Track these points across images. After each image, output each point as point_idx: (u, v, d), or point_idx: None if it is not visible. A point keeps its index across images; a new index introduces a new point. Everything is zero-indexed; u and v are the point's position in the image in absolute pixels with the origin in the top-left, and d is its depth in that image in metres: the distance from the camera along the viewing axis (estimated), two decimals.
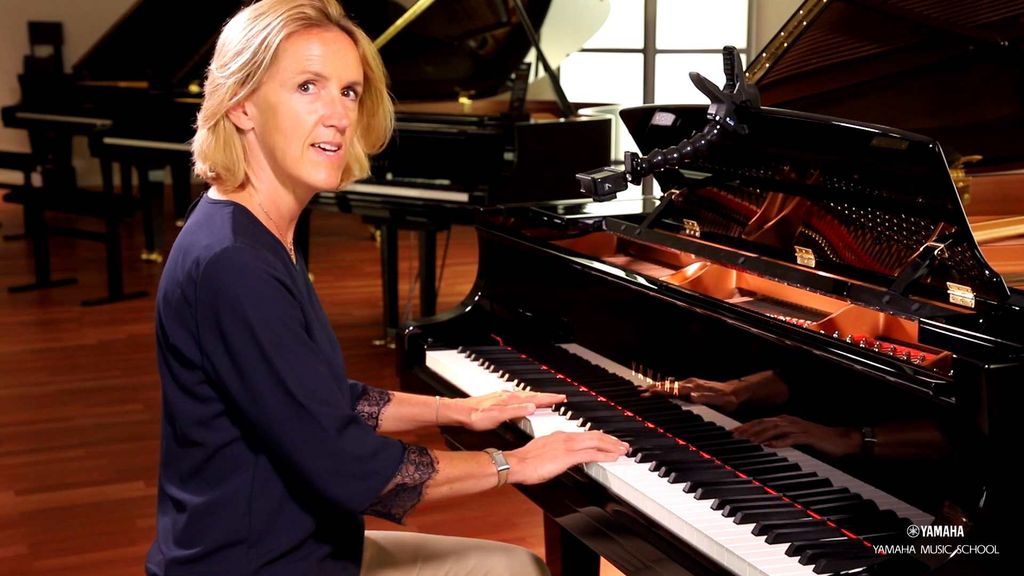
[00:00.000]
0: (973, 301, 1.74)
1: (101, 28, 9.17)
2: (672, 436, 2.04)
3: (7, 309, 6.73)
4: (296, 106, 1.76)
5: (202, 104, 1.82)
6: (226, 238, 1.70)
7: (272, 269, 1.70)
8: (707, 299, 2.03)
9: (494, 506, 3.85)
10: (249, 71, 1.75)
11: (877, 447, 1.65)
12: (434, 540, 2.09)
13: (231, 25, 1.81)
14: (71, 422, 4.80)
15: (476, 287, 2.74)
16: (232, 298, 1.67)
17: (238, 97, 1.77)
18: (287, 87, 1.76)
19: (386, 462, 1.72)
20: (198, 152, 1.82)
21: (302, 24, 1.77)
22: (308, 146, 1.78)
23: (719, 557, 1.63)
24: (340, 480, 1.69)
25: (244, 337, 1.67)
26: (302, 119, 1.77)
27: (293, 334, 1.69)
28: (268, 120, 1.77)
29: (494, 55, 6.30)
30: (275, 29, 1.75)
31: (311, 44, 1.76)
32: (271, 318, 1.68)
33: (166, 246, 8.16)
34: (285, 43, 1.75)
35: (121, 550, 3.62)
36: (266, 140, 1.79)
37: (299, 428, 1.67)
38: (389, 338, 5.64)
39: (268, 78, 1.76)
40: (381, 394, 2.16)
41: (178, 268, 1.74)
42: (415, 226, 5.25)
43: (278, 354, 1.67)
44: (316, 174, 1.79)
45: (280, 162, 1.79)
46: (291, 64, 1.76)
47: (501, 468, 1.85)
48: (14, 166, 8.65)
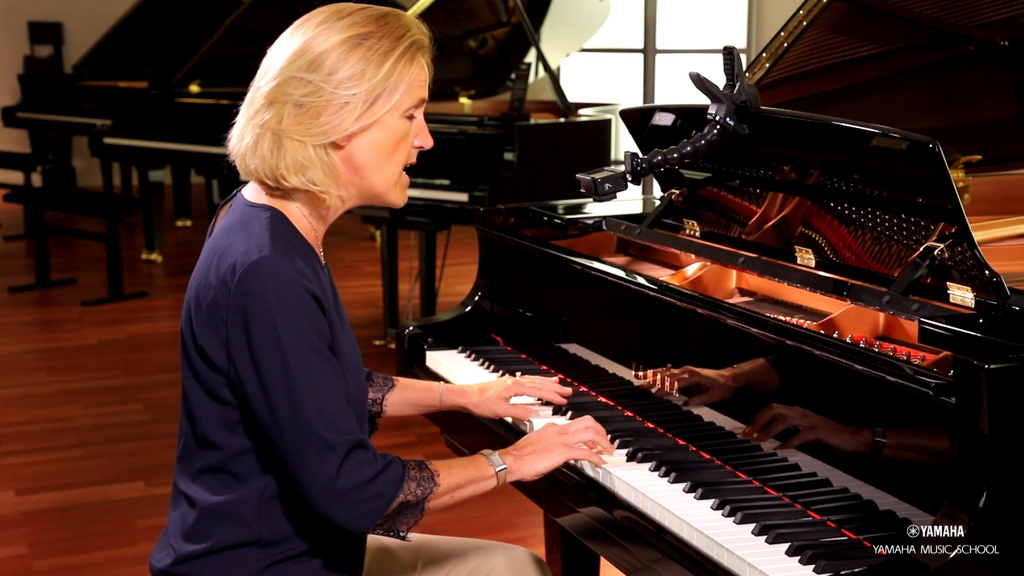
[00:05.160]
0: (973, 301, 1.74)
1: (101, 28, 9.18)
2: (672, 436, 2.04)
3: (7, 309, 6.73)
4: (403, 131, 1.79)
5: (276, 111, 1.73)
6: (264, 245, 1.69)
7: (307, 281, 1.70)
8: (707, 299, 2.03)
9: (494, 506, 3.85)
10: (376, 98, 1.74)
11: (877, 446, 1.65)
12: (435, 541, 2.10)
13: (314, 30, 1.75)
14: (71, 422, 4.80)
15: (476, 287, 2.74)
16: (265, 307, 1.67)
17: (362, 123, 1.74)
18: (400, 111, 1.77)
19: (389, 482, 1.72)
20: (296, 165, 1.74)
21: (418, 53, 1.78)
22: (402, 170, 1.82)
23: (719, 557, 1.63)
24: (343, 504, 1.70)
25: (271, 347, 1.67)
26: (405, 144, 1.80)
27: (318, 352, 1.70)
28: (374, 142, 1.76)
29: (494, 55, 6.30)
30: (402, 60, 1.75)
31: (421, 73, 1.79)
32: (300, 332, 1.68)
33: (166, 246, 8.17)
34: (406, 71, 1.76)
35: (121, 550, 3.62)
36: (360, 159, 1.77)
37: (308, 448, 1.68)
38: (389, 338, 5.65)
39: (392, 106, 1.76)
40: (385, 380, 2.17)
41: (212, 271, 1.73)
42: (415, 226, 5.25)
43: (301, 369, 1.67)
44: (403, 196, 1.85)
45: (373, 183, 1.80)
46: (411, 90, 1.77)
47: (499, 469, 1.85)
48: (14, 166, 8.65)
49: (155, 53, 8.22)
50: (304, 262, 1.74)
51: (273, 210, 1.78)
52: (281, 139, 1.73)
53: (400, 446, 4.30)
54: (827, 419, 1.74)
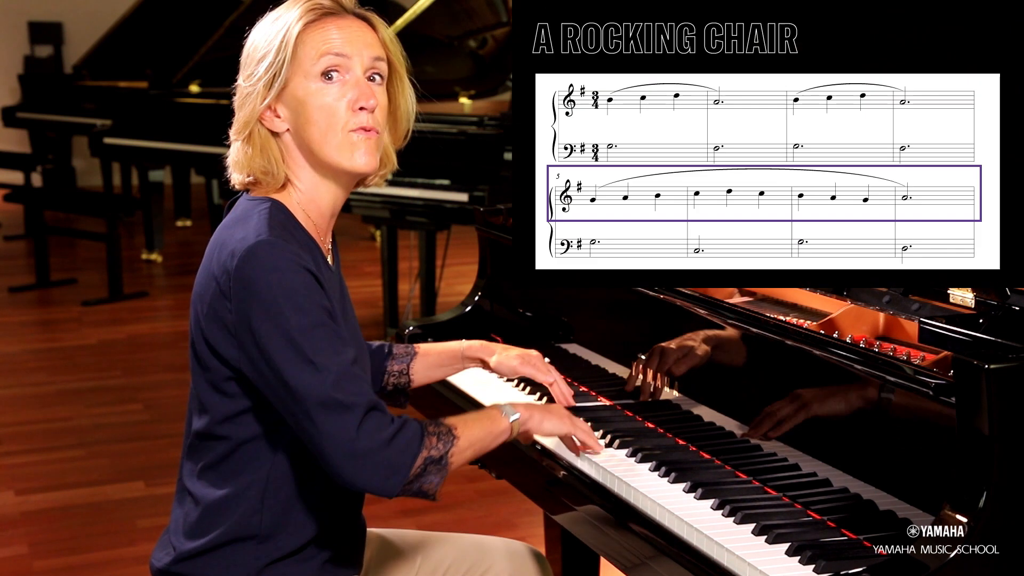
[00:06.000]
0: (973, 301, 1.74)
1: (101, 28, 9.18)
2: (672, 436, 2.04)
3: (7, 309, 6.73)
4: (325, 97, 1.77)
5: (233, 119, 1.82)
6: (261, 231, 1.71)
7: (305, 262, 1.71)
8: (707, 299, 2.03)
9: (494, 506, 3.85)
10: (274, 71, 1.76)
11: (877, 447, 1.65)
12: (436, 536, 2.10)
13: (252, 35, 1.81)
14: (71, 422, 4.80)
15: (476, 287, 2.74)
16: (265, 286, 1.67)
17: (268, 100, 1.77)
18: (311, 77, 1.76)
19: (410, 439, 1.70)
20: (234, 164, 1.83)
21: (317, 14, 1.78)
22: (348, 132, 1.78)
23: (719, 557, 1.63)
24: (368, 466, 1.67)
25: (276, 324, 1.67)
26: (333, 107, 1.77)
27: (322, 323, 1.69)
28: (300, 116, 1.78)
29: (494, 55, 6.30)
30: (292, 24, 1.76)
31: (328, 30, 1.78)
32: (302, 307, 1.68)
33: (166, 246, 8.17)
34: (303, 35, 1.76)
35: (121, 550, 3.62)
36: (302, 136, 1.79)
37: (325, 414, 1.66)
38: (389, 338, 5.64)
39: (292, 74, 1.76)
40: (407, 349, 2.18)
41: (213, 263, 1.75)
42: (415, 226, 5.25)
43: (308, 342, 1.67)
44: (357, 157, 1.79)
45: (319, 154, 1.79)
46: (311, 52, 1.76)
47: (513, 419, 1.85)
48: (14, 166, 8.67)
49: (155, 53, 8.22)
50: (304, 251, 1.74)
51: (273, 201, 1.80)
52: (231, 147, 1.83)
53: None
54: (827, 419, 1.74)
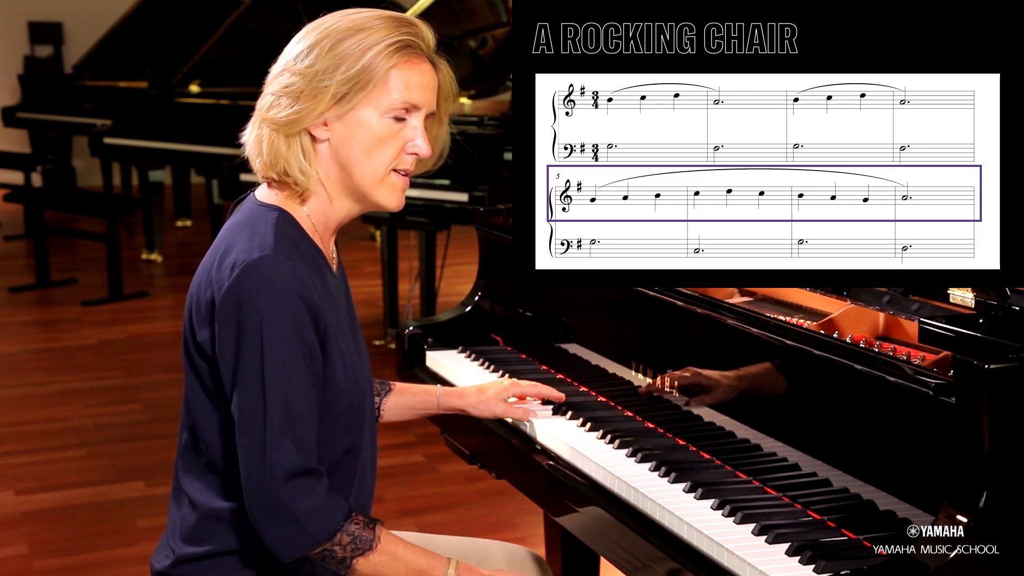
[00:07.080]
0: (973, 301, 1.74)
1: (101, 28, 9.17)
2: (672, 436, 2.04)
3: (7, 309, 6.73)
4: (386, 133, 1.77)
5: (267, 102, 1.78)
6: (267, 245, 1.70)
7: (303, 286, 1.70)
8: (707, 299, 2.03)
9: (494, 506, 3.85)
10: (347, 90, 1.74)
11: (877, 447, 1.65)
12: (436, 540, 2.10)
13: (329, 26, 1.77)
14: (71, 422, 4.80)
15: (476, 287, 2.74)
16: (255, 306, 1.68)
17: (332, 112, 1.75)
18: (382, 110, 1.76)
19: (321, 527, 1.69)
20: (270, 154, 1.77)
21: (406, 54, 1.77)
22: (391, 171, 1.80)
23: (719, 557, 1.63)
24: (269, 523, 1.68)
25: (252, 345, 1.68)
26: (389, 144, 1.78)
27: (296, 360, 1.70)
28: (353, 137, 1.76)
29: (494, 55, 6.30)
30: (382, 55, 1.74)
31: (411, 74, 1.77)
32: (284, 336, 1.68)
33: (166, 246, 8.17)
34: (391, 71, 1.75)
35: (121, 550, 3.62)
36: (343, 155, 1.78)
37: (256, 450, 1.68)
38: (389, 338, 5.65)
39: (366, 100, 1.75)
40: (382, 384, 2.16)
41: (214, 267, 1.74)
42: (415, 226, 5.25)
43: (275, 374, 1.68)
44: (392, 198, 1.81)
45: (356, 180, 1.79)
46: (392, 90, 1.75)
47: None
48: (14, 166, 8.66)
49: (155, 53, 8.22)
50: (308, 266, 1.74)
51: (281, 211, 1.79)
52: (264, 130, 1.77)
53: (400, 446, 4.29)
54: (827, 420, 1.74)
